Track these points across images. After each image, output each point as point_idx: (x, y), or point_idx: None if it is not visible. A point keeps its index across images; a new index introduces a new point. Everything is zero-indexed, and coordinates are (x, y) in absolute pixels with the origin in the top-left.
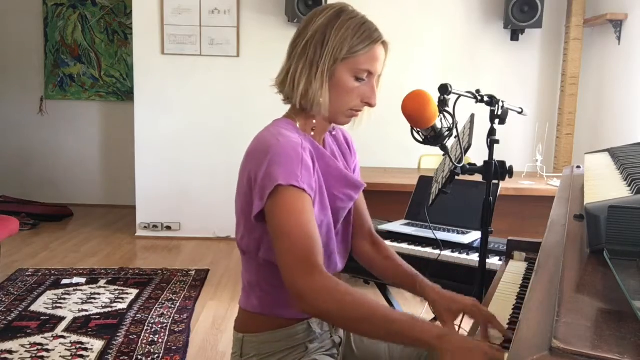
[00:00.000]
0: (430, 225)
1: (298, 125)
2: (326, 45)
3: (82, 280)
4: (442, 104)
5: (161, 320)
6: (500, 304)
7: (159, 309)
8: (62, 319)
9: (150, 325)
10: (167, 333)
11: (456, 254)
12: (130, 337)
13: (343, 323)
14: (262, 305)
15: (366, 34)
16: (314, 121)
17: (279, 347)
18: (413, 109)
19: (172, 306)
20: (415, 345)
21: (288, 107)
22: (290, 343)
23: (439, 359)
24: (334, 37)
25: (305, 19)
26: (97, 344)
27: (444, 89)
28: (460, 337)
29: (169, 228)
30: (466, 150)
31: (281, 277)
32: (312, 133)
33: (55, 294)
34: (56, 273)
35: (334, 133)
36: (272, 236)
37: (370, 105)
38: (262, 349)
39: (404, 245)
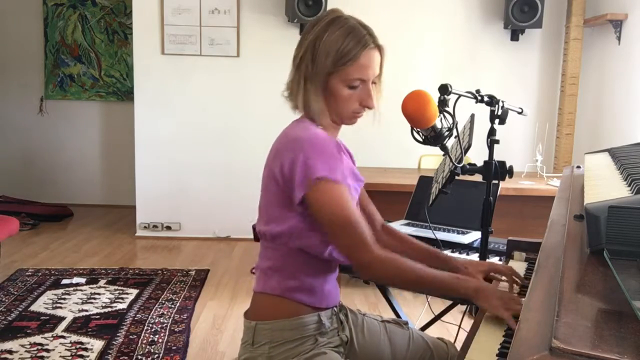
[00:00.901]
0: (430, 225)
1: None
2: (315, 62)
3: (82, 280)
4: (442, 104)
5: (161, 320)
6: None
7: (159, 309)
8: (62, 319)
9: (150, 325)
10: (167, 333)
11: (456, 254)
12: (130, 337)
13: (402, 284)
14: (281, 287)
15: (354, 42)
16: (321, 125)
17: (290, 336)
18: (413, 109)
19: (172, 306)
20: (458, 297)
21: (286, 107)
22: (301, 333)
23: (480, 306)
24: (322, 51)
25: (304, 30)
26: (97, 344)
27: (444, 89)
28: (492, 287)
29: (169, 228)
30: (466, 150)
31: (302, 264)
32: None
33: (55, 294)
34: (56, 273)
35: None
36: (327, 226)
37: (369, 107)
38: (275, 337)
39: None
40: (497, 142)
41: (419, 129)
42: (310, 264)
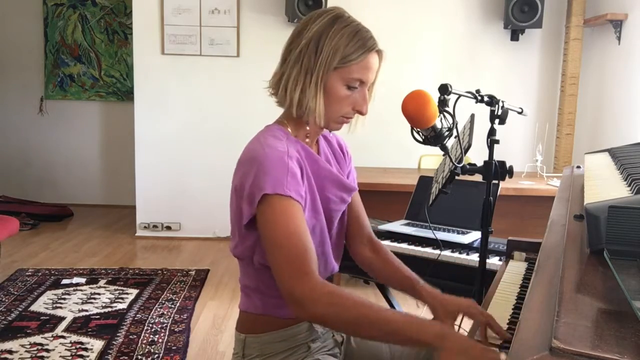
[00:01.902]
0: (430, 225)
1: (290, 130)
2: (320, 54)
3: (82, 280)
4: (442, 104)
5: (161, 320)
6: (500, 304)
7: (159, 309)
8: (62, 319)
9: (150, 325)
10: (167, 333)
11: (456, 254)
12: (130, 337)
13: (341, 327)
14: (264, 306)
15: (359, 43)
16: (307, 127)
17: (281, 347)
18: (413, 109)
19: (172, 306)
20: (414, 345)
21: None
22: (292, 343)
23: (438, 358)
24: (327, 46)
25: (301, 24)
26: (97, 344)
27: (444, 89)
28: (458, 336)
29: (169, 228)
30: (466, 150)
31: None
32: (307, 140)
33: (55, 294)
34: (56, 273)
35: (329, 138)
36: (265, 246)
37: (361, 113)
38: (265, 349)
39: (404, 245)
40: (497, 142)
41: (419, 129)
42: None
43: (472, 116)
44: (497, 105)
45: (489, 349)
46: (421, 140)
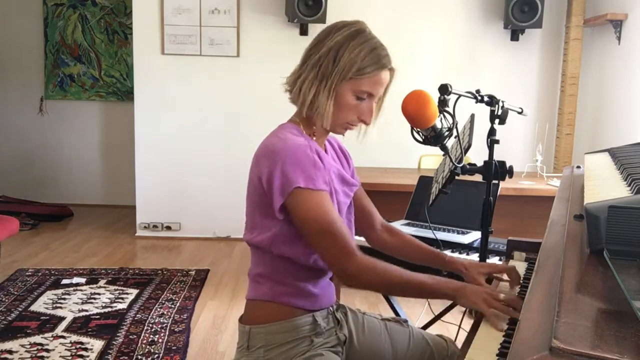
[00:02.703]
0: (430, 225)
1: (302, 128)
2: (338, 63)
3: (82, 280)
4: (442, 104)
5: (161, 320)
6: None
7: (159, 309)
8: (62, 319)
9: (150, 325)
10: (167, 333)
11: (456, 254)
12: (130, 337)
13: (386, 290)
14: (273, 292)
15: (375, 59)
16: (314, 127)
17: (285, 338)
18: (413, 109)
19: (172, 306)
20: (441, 298)
21: (286, 107)
22: (296, 334)
23: (461, 302)
24: (346, 56)
25: (324, 32)
26: (97, 344)
27: (444, 89)
28: (472, 286)
29: (169, 228)
30: (466, 150)
31: (291, 269)
32: (314, 138)
33: (55, 294)
34: (56, 273)
35: (331, 141)
36: (308, 235)
37: (365, 123)
38: (269, 340)
39: None
40: (497, 142)
41: (419, 129)
42: (298, 269)
43: (472, 116)
44: (497, 105)
45: (495, 292)
46: (421, 140)
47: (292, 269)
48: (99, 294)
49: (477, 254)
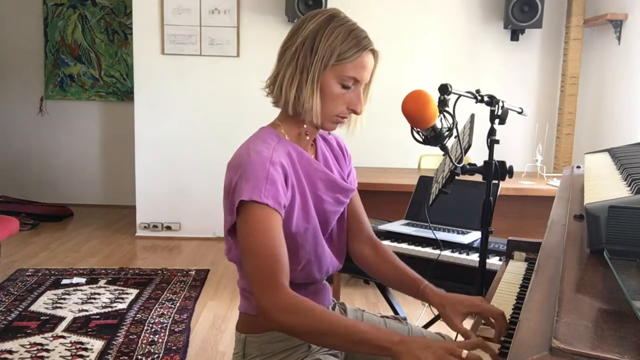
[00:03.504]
0: (430, 225)
1: (283, 131)
2: (316, 52)
3: (82, 280)
4: (442, 104)
5: (161, 320)
6: (500, 304)
7: (159, 309)
8: (62, 319)
9: (150, 325)
10: (167, 333)
11: (456, 254)
12: (130, 337)
13: (307, 337)
14: None
15: (354, 42)
16: (305, 126)
17: (281, 347)
18: (413, 109)
19: (172, 306)
20: (378, 353)
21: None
22: (292, 342)
23: None
24: (323, 43)
25: (296, 24)
26: (97, 344)
27: (444, 89)
28: (420, 339)
29: (169, 228)
30: (466, 150)
31: None
32: (307, 137)
33: (55, 294)
34: (56, 273)
35: (328, 139)
36: (240, 253)
37: (356, 113)
38: (265, 349)
39: (404, 245)
40: (497, 142)
41: (419, 129)
42: None
43: (472, 116)
44: (497, 105)
45: (452, 347)
46: (421, 140)
47: None
48: (99, 294)
49: (477, 254)
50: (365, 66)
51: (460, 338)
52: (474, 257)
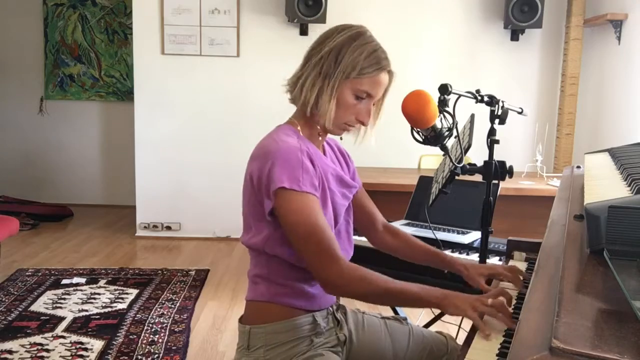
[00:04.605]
0: (430, 225)
1: (299, 129)
2: (340, 63)
3: (82, 280)
4: (442, 104)
5: (161, 320)
6: None
7: (159, 309)
8: (62, 319)
9: (150, 325)
10: (167, 333)
11: (456, 254)
12: (130, 337)
13: (370, 299)
14: (270, 293)
15: (375, 60)
16: (318, 127)
17: (285, 338)
18: (413, 109)
19: (172, 306)
20: (429, 306)
21: (286, 107)
22: (296, 334)
23: (448, 311)
24: (348, 56)
25: (325, 33)
26: (97, 344)
27: (444, 89)
28: (457, 293)
29: (169, 228)
30: (466, 150)
31: (288, 270)
32: (320, 138)
33: (55, 294)
34: (56, 273)
35: (330, 143)
36: (292, 239)
37: (363, 124)
38: (269, 340)
39: None
40: (497, 142)
41: (419, 129)
42: (295, 270)
43: (472, 116)
44: (497, 105)
45: (482, 297)
46: (421, 140)
47: (288, 269)
48: (99, 294)
49: (477, 254)
50: (380, 84)
51: (460, 338)
52: (474, 257)
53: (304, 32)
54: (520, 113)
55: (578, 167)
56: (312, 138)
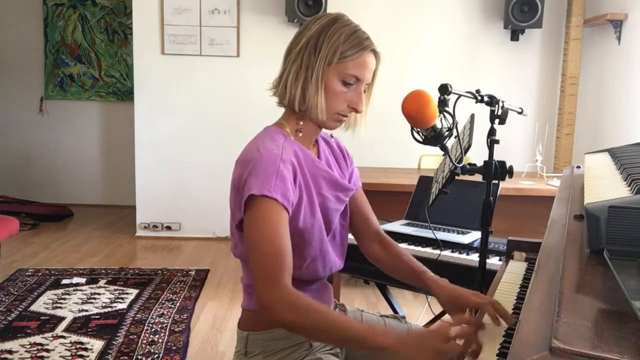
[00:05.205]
0: (430, 225)
1: (288, 130)
2: (319, 51)
3: (82, 280)
4: (442, 104)
5: (161, 320)
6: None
7: (159, 309)
8: (62, 319)
9: (150, 325)
10: (167, 333)
11: (456, 254)
12: (130, 337)
13: (306, 334)
14: None
15: (356, 41)
16: (301, 123)
17: (283, 345)
18: (413, 109)
19: (172, 306)
20: (373, 350)
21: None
22: (294, 340)
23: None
24: (327, 42)
25: (302, 27)
26: (97, 344)
27: (444, 89)
28: (413, 337)
29: (169, 228)
30: (466, 150)
31: None
32: (300, 134)
33: (55, 294)
34: (56, 273)
35: (329, 141)
36: (246, 246)
37: (357, 111)
38: (267, 346)
39: (404, 245)
40: (497, 142)
41: (419, 129)
42: None
43: (472, 116)
44: (497, 105)
45: (435, 329)
46: (421, 140)
47: None
48: (99, 294)
49: (477, 254)
50: (366, 65)
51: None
52: (474, 257)
53: None
54: (520, 113)
55: (578, 167)
56: (303, 139)
